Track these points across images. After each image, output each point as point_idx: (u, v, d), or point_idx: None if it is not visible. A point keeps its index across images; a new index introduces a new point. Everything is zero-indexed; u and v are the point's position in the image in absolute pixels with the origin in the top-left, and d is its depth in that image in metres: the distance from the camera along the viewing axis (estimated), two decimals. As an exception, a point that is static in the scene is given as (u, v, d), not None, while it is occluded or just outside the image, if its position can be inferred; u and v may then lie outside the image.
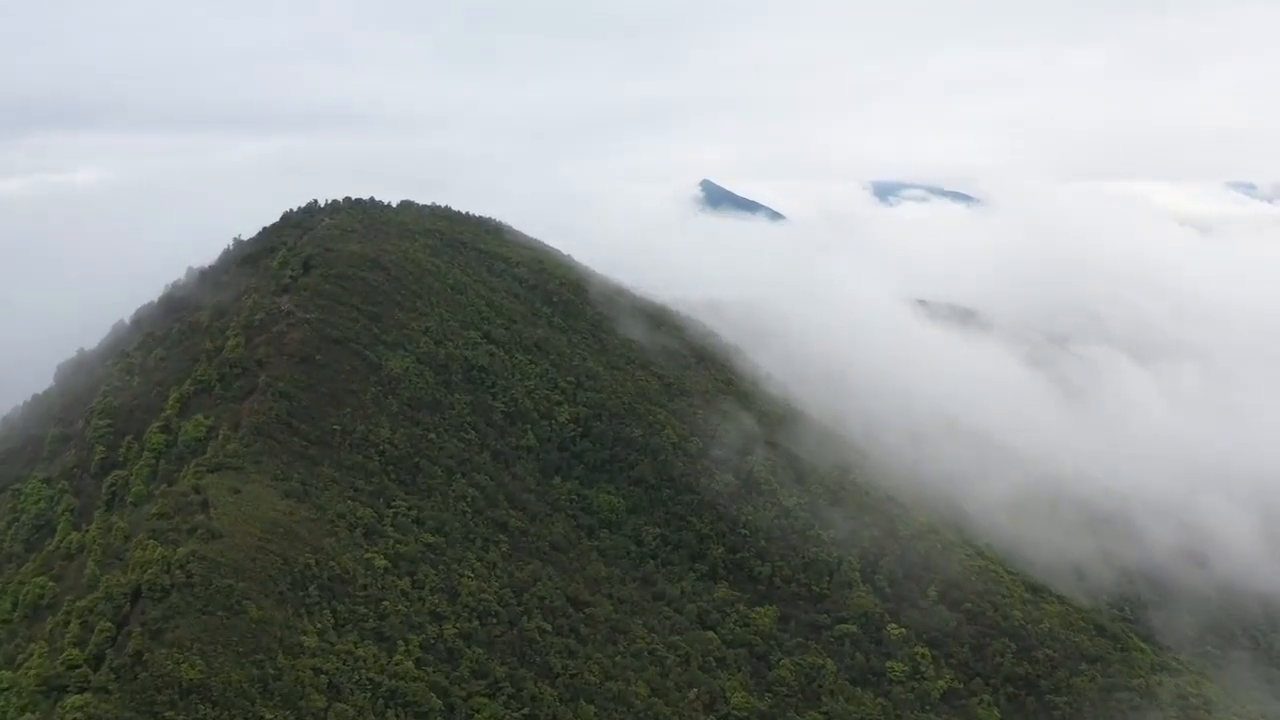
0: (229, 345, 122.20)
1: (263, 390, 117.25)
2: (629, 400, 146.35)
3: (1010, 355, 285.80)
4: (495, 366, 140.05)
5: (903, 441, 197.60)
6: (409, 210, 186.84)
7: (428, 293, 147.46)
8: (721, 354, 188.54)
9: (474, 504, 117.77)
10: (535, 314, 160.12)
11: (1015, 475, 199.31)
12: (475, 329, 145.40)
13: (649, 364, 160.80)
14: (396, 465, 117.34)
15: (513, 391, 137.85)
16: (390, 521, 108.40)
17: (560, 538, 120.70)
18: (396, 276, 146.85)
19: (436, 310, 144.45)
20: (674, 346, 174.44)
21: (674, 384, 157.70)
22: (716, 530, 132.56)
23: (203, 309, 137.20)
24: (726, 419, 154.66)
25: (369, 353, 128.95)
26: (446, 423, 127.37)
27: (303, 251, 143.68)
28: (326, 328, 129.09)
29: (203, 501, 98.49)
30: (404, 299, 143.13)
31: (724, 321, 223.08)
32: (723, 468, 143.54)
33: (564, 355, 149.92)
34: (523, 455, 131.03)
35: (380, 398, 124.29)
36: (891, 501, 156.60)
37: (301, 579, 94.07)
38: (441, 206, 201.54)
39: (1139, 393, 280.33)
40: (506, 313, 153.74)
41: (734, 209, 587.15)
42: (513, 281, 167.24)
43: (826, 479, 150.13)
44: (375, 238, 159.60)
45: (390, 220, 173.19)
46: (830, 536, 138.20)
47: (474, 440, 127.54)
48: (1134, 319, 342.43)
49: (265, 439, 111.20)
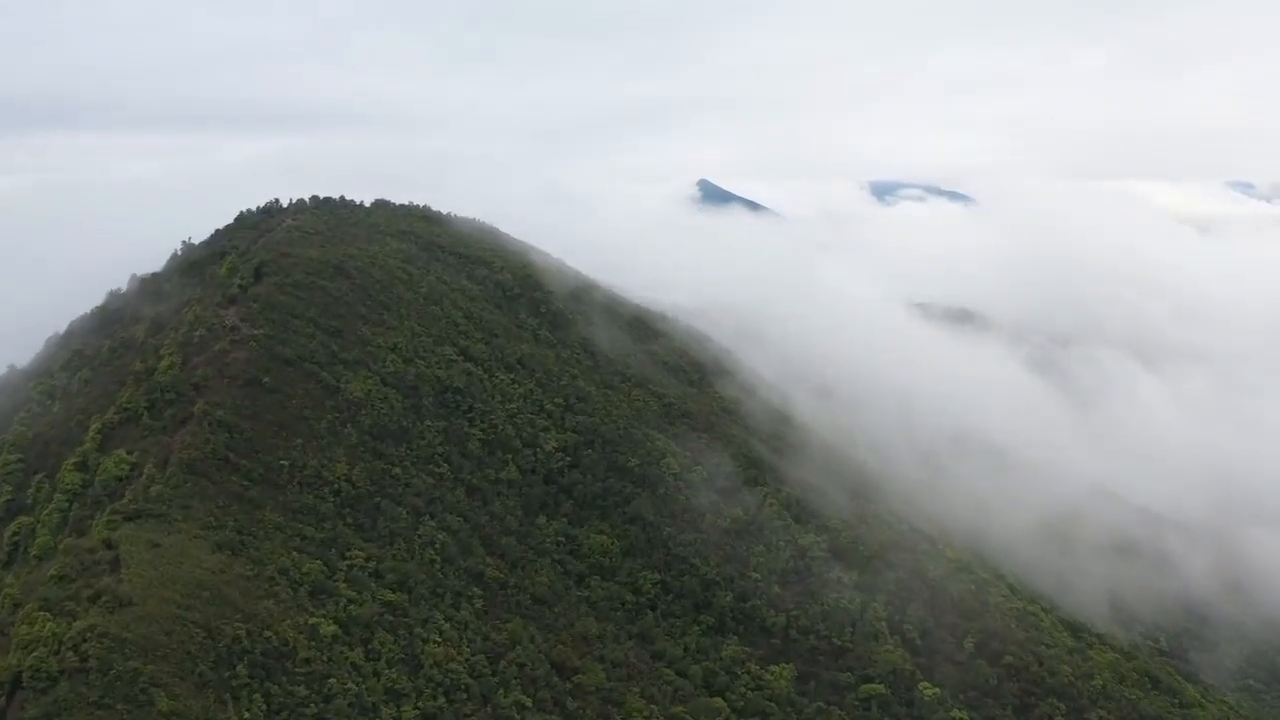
0: (162, 366, 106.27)
1: (198, 420, 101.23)
2: (624, 424, 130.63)
3: (1017, 362, 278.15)
4: (472, 388, 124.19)
5: (915, 460, 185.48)
6: (383, 210, 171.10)
7: (397, 304, 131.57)
8: (724, 368, 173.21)
9: (444, 551, 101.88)
10: (520, 327, 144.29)
11: (1035, 495, 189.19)
12: (450, 344, 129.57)
13: (646, 382, 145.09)
14: (354, 507, 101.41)
15: (492, 416, 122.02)
16: (343, 576, 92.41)
17: (544, 589, 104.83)
18: (362, 285, 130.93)
19: (407, 324, 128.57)
20: (674, 361, 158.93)
21: (674, 405, 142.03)
22: (723, 574, 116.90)
23: (139, 322, 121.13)
24: (732, 444, 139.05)
25: (326, 374, 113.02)
26: (414, 455, 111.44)
27: (255, 257, 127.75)
28: (277, 345, 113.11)
29: (113, 559, 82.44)
30: (369, 311, 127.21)
31: (724, 329, 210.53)
32: (730, 501, 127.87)
33: (551, 374, 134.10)
34: (503, 491, 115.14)
35: (337, 427, 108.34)
36: (916, 534, 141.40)
37: (228, 655, 77.96)
38: (419, 206, 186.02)
39: (1151, 401, 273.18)
40: (487, 325, 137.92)
41: (732, 209, 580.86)
42: (495, 290, 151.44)
43: (844, 512, 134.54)
44: (341, 241, 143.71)
45: (360, 222, 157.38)
46: (851, 579, 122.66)
47: (446, 475, 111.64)
48: (1135, 320, 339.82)
49: (197, 479, 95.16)
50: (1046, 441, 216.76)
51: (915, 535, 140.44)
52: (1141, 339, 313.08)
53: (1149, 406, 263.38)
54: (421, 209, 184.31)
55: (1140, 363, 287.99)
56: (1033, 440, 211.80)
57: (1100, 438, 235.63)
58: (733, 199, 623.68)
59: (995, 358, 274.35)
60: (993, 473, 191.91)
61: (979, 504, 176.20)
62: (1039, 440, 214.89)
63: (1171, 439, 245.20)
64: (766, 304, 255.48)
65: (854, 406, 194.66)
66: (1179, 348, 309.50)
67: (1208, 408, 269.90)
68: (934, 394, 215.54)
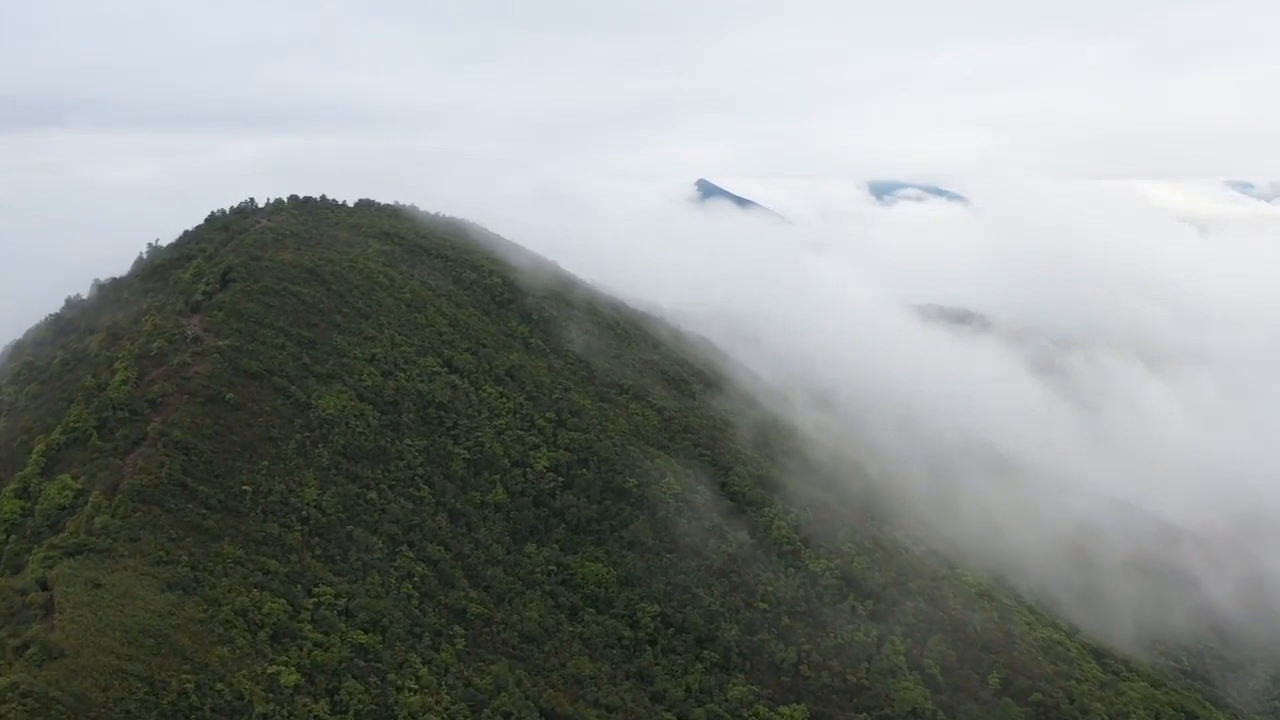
0: (115, 381, 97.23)
1: (153, 441, 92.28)
2: (621, 441, 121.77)
3: (1021, 366, 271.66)
4: (457, 403, 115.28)
5: (923, 472, 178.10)
6: (366, 211, 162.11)
7: (377, 311, 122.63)
8: (725, 377, 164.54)
9: (423, 585, 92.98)
10: (509, 335, 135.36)
11: (1048, 508, 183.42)
12: (434, 355, 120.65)
13: (645, 394, 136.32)
14: (323, 536, 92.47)
15: (478, 434, 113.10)
16: (309, 616, 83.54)
17: (534, 625, 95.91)
18: (339, 291, 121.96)
19: (386, 333, 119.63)
20: (673, 371, 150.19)
21: (675, 419, 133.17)
22: (728, 605, 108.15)
23: (95, 332, 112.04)
24: (737, 461, 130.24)
25: (296, 389, 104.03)
26: (392, 477, 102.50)
27: (223, 261, 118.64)
28: (243, 357, 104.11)
29: (47, 602, 73.57)
30: (346, 319, 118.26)
31: (724, 333, 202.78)
32: (735, 522, 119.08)
33: (543, 386, 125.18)
34: (489, 515, 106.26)
35: (307, 447, 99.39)
36: (933, 558, 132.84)
37: (173, 713, 69.09)
38: (406, 206, 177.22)
39: (1158, 406, 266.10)
40: (474, 334, 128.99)
41: (730, 208, 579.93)
42: (484, 295, 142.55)
43: (856, 534, 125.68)
44: (318, 244, 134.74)
45: (341, 222, 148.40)
46: (866, 609, 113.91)
47: (427, 499, 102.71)
48: (1138, 321, 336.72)
49: (149, 507, 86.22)
50: (1055, 449, 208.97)
51: (932, 559, 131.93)
52: (1144, 340, 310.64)
53: (1156, 412, 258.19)
54: (408, 209, 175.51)
55: (1145, 365, 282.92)
56: (1041, 448, 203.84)
57: (1109, 444, 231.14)
58: (731, 198, 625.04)
59: (999, 362, 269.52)
60: (1004, 484, 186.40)
61: (991, 519, 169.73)
62: (1047, 448, 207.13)
63: (1182, 446, 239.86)
64: (765, 307, 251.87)
65: (857, 415, 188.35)
66: (1182, 350, 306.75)
67: (1215, 412, 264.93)
68: (939, 400, 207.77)
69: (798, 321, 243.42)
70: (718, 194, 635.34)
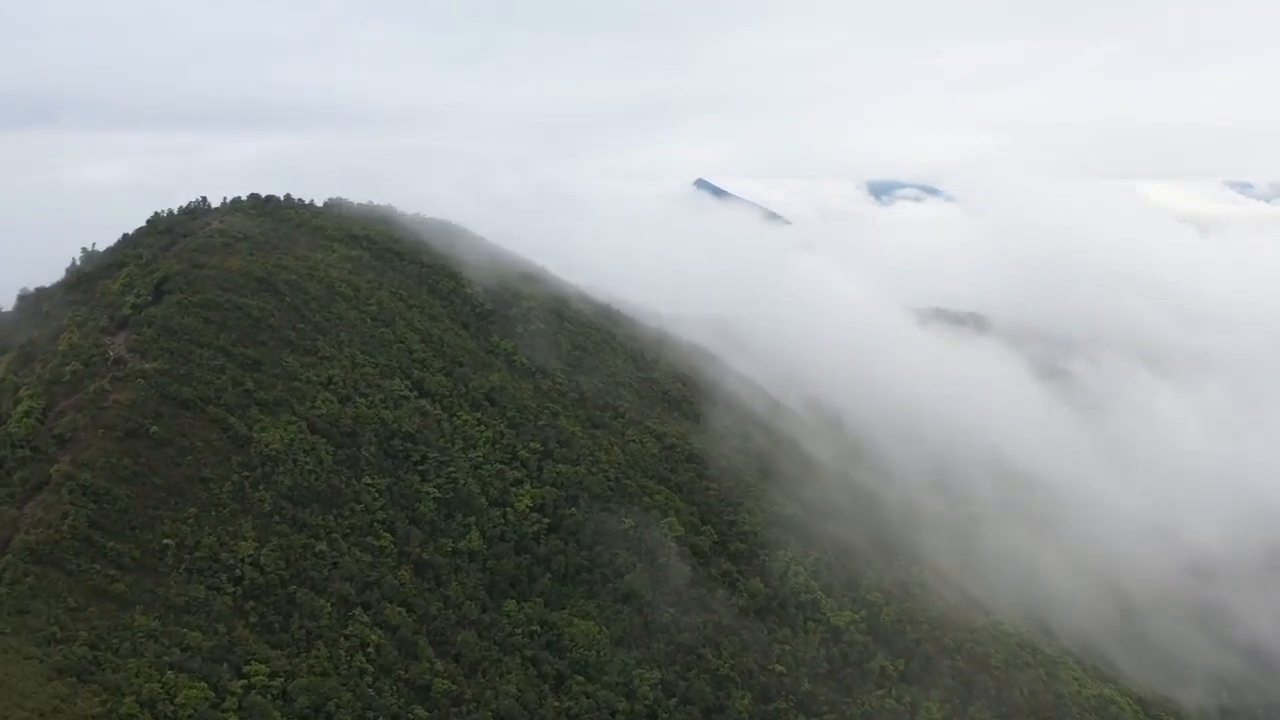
0: (16, 413, 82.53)
1: (57, 485, 77.86)
2: (616, 474, 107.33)
3: (1031, 373, 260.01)
4: (427, 432, 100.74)
5: (941, 496, 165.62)
6: (336, 210, 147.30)
7: (337, 326, 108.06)
8: (730, 393, 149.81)
9: (379, 658, 78.52)
10: (491, 352, 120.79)
11: (1075, 534, 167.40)
12: (402, 377, 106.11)
13: (643, 417, 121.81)
14: (260, 599, 78.00)
15: (451, 469, 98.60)
16: (236, 704, 69.08)
17: (511, 702, 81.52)
18: (293, 304, 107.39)
19: (347, 351, 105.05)
20: (675, 390, 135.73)
21: (677, 446, 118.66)
22: (740, 668, 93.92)
23: (7, 352, 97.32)
24: (748, 494, 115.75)
25: (235, 420, 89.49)
26: (347, 524, 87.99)
27: (159, 269, 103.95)
28: (173, 383, 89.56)
29: (-104, 700, 58.99)
30: (301, 336, 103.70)
31: (722, 340, 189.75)
32: (746, 569, 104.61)
33: (528, 410, 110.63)
34: (462, 566, 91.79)
35: (246, 490, 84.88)
36: (969, 603, 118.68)
37: None
38: (383, 206, 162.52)
39: (1172, 415, 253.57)
40: (450, 352, 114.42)
41: (729, 209, 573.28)
42: (463, 307, 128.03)
43: (884, 578, 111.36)
44: (274, 249, 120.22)
45: (305, 224, 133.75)
46: (898, 669, 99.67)
47: (388, 549, 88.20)
48: (1139, 323, 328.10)
49: (45, 570, 71.88)
50: (1071, 462, 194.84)
51: (966, 605, 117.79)
52: (1147, 343, 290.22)
53: (1168, 420, 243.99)
54: (384, 210, 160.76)
55: (1149, 369, 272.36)
56: (1057, 462, 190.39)
57: (1124, 457, 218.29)
58: (730, 198, 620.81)
59: (1007, 369, 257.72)
60: (1026, 508, 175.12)
61: (1019, 550, 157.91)
62: (1063, 462, 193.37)
63: (1200, 457, 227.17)
64: (763, 311, 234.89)
65: (867, 432, 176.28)
66: (1187, 353, 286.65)
67: (1230, 421, 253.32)
68: (948, 412, 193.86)
69: (797, 327, 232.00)
70: (716, 194, 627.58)
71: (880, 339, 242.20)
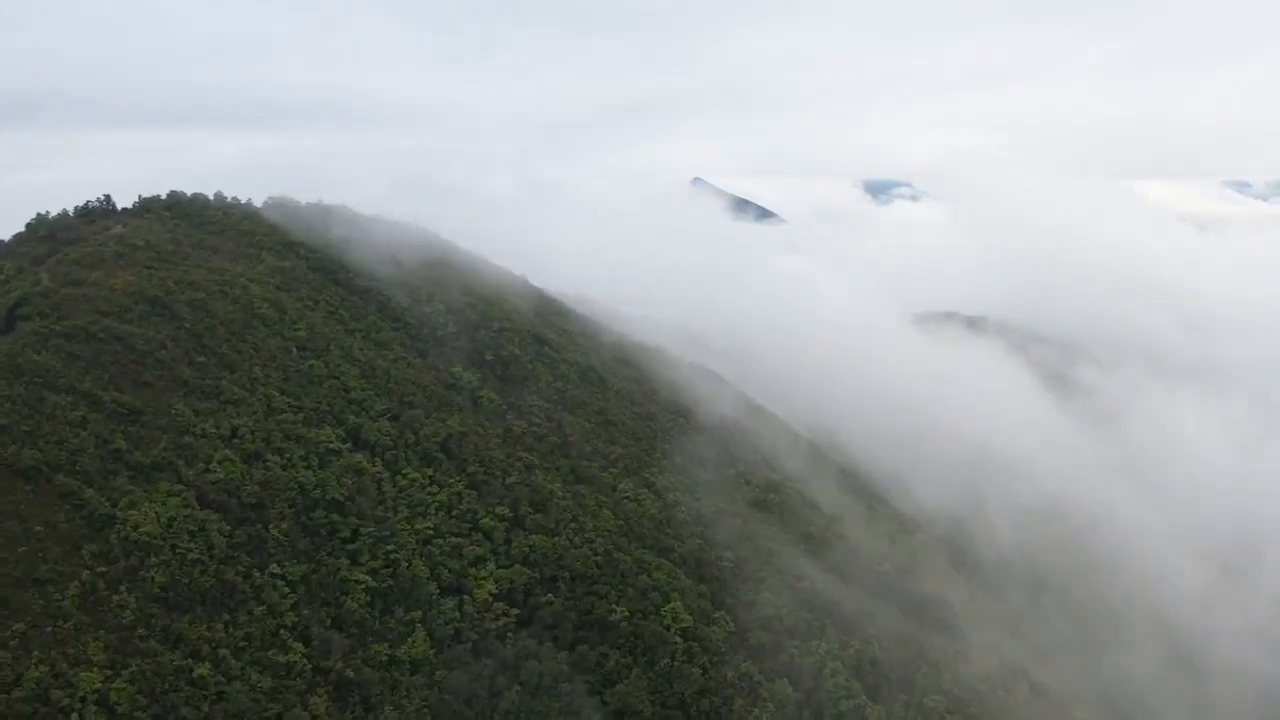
0: None
1: None
2: (607, 544, 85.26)
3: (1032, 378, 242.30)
4: (362, 499, 78.64)
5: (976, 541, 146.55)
6: (276, 212, 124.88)
7: (251, 358, 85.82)
8: (741, 428, 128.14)
9: (271, 841, 56.14)
10: (451, 386, 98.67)
11: (1126, 579, 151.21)
12: (333, 424, 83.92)
13: (641, 468, 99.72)
14: (103, 761, 55.57)
15: (391, 546, 76.58)
16: None
17: None
18: (195, 331, 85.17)
19: (262, 391, 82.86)
20: (676, 428, 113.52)
21: (678, 505, 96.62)
22: (767, 809, 71.57)
23: None
24: (769, 562, 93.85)
25: (94, 493, 67.28)
26: (242, 634, 65.83)
27: (17, 287, 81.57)
28: (11, 443, 67.50)
29: None
30: (199, 374, 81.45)
31: (720, 353, 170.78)
32: (770, 666, 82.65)
33: (494, 464, 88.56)
34: (400, 682, 69.67)
35: (100, 592, 62.67)
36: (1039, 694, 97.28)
37: None
38: (335, 207, 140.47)
39: (1187, 426, 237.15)
40: (398, 388, 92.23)
41: (726, 208, 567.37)
42: (420, 329, 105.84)
43: (941, 671, 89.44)
44: (185, 259, 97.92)
45: (232, 228, 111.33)
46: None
47: (298, 666, 66.01)
48: (1141, 324, 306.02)
49: None
50: (1095, 479, 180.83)
51: (1038, 698, 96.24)
52: (1154, 348, 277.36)
53: (1183, 432, 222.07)
54: (337, 210, 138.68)
55: (1152, 373, 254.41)
56: (1082, 483, 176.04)
57: (1145, 472, 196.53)
58: (727, 198, 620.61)
59: (1016, 379, 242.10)
60: (1065, 544, 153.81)
61: (1071, 601, 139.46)
62: (1088, 481, 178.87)
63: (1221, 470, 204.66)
64: (760, 320, 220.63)
65: (885, 470, 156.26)
66: (1192, 358, 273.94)
67: (1247, 431, 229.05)
68: (961, 430, 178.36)
69: (796, 337, 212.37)
70: (714, 193, 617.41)
71: (889, 351, 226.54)
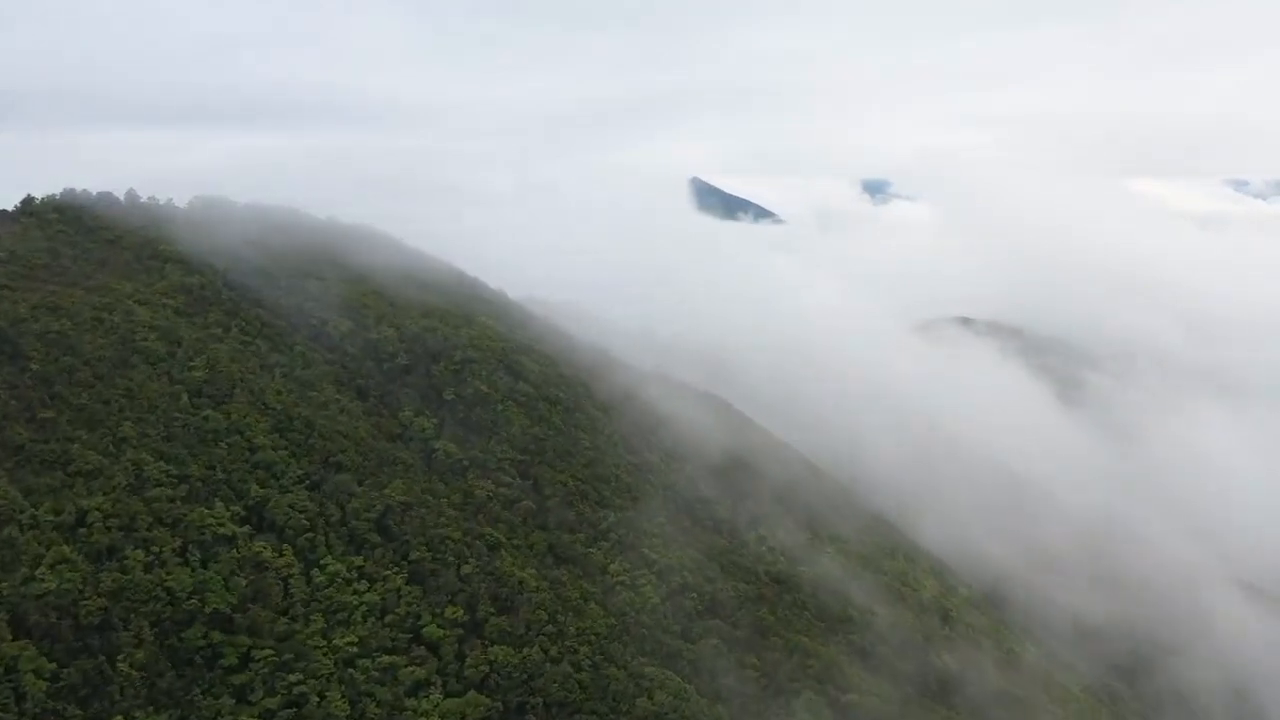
0: None
1: None
2: (594, 654, 64.49)
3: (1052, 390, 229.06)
4: (259, 609, 57.71)
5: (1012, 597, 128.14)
6: (198, 217, 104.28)
7: (119, 411, 65.16)
8: (758, 473, 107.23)
9: None
10: (397, 438, 77.95)
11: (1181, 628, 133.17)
12: (227, 496, 63.27)
13: (639, 539, 78.89)
14: None
15: (294, 676, 55.79)
16: None
17: None
18: (43, 375, 64.37)
19: (131, 455, 62.02)
20: (676, 480, 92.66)
21: (686, 589, 75.88)
22: None
23: None
24: (804, 671, 73.12)
25: None
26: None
27: None
28: None
29: None
30: (40, 435, 60.82)
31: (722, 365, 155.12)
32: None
33: (446, 545, 67.80)
34: None
35: None
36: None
37: None
38: (279, 208, 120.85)
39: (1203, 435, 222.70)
40: (322, 445, 71.45)
41: (725, 209, 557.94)
42: (364, 362, 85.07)
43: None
44: (59, 276, 77.10)
45: (129, 236, 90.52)
46: None
47: None
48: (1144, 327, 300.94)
49: None
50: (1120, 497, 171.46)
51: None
52: (1159, 350, 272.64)
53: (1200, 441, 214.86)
54: (280, 212, 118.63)
55: (1160, 377, 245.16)
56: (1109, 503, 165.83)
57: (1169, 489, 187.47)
58: (726, 198, 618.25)
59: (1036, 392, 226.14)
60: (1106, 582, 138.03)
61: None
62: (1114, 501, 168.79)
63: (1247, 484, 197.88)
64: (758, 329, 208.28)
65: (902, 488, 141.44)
66: (1198, 362, 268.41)
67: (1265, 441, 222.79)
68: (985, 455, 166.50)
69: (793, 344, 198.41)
70: (712, 193, 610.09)
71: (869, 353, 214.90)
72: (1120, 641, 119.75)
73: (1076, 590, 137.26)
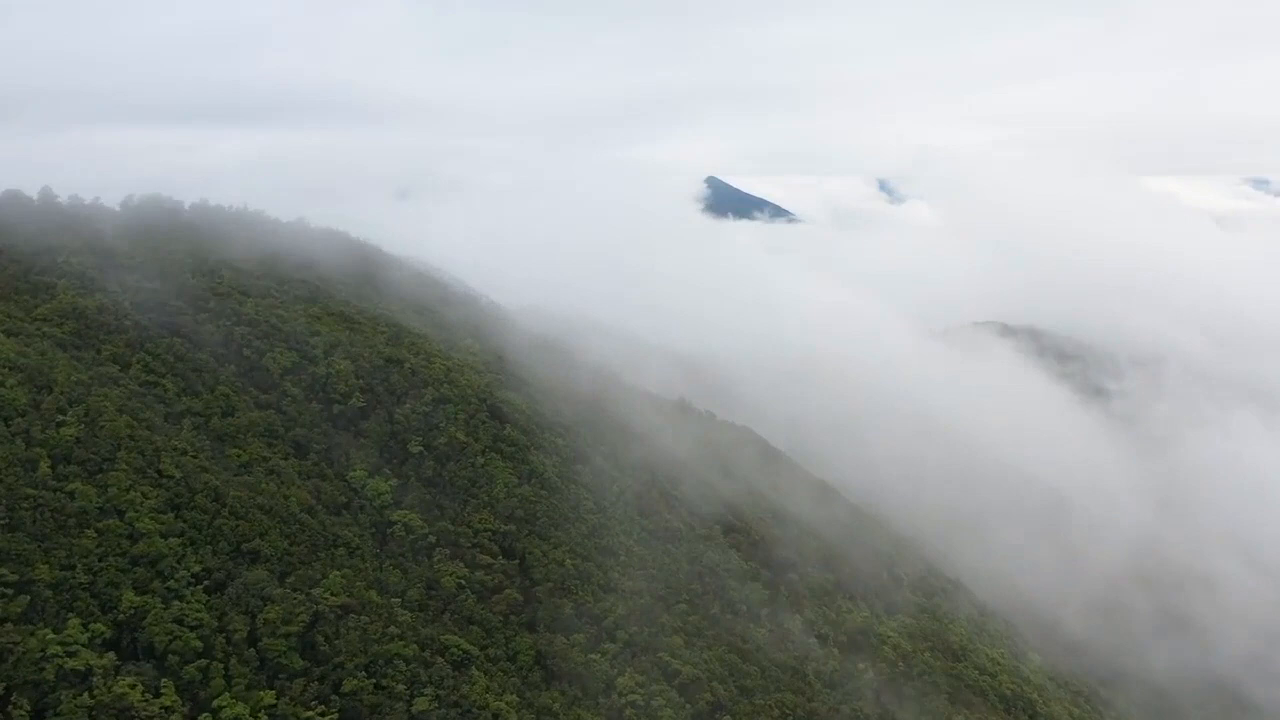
0: None
1: None
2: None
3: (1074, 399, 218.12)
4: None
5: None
6: (129, 220, 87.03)
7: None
8: (797, 533, 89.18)
9: None
10: (344, 508, 60.32)
11: None
12: (88, 613, 45.52)
13: (655, 639, 61.06)
14: None
15: None
16: None
17: None
18: None
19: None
20: (704, 551, 74.71)
21: (719, 710, 57.98)
22: None
23: None
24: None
25: None
26: None
27: None
28: None
29: None
30: None
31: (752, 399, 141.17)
32: None
33: (394, 669, 50.03)
34: None
35: None
36: None
37: None
38: (241, 211, 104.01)
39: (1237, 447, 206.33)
40: (234, 527, 53.75)
41: (741, 209, 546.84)
42: (308, 405, 67.44)
43: None
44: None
45: (14, 245, 73.23)
46: None
47: None
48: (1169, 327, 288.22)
49: None
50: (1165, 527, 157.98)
51: None
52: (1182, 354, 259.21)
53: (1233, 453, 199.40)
54: (235, 216, 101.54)
55: (1197, 387, 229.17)
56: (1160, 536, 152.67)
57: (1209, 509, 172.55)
58: (742, 197, 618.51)
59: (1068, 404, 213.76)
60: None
61: None
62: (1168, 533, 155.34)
63: None
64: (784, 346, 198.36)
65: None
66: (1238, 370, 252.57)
67: None
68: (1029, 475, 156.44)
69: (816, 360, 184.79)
70: (729, 193, 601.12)
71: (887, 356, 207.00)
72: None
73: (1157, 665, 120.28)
